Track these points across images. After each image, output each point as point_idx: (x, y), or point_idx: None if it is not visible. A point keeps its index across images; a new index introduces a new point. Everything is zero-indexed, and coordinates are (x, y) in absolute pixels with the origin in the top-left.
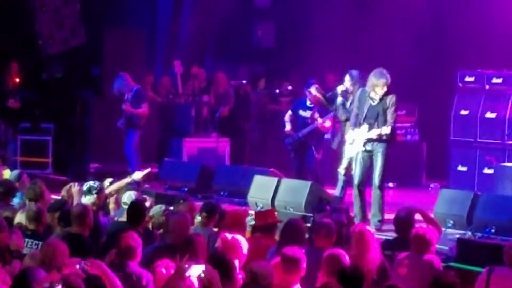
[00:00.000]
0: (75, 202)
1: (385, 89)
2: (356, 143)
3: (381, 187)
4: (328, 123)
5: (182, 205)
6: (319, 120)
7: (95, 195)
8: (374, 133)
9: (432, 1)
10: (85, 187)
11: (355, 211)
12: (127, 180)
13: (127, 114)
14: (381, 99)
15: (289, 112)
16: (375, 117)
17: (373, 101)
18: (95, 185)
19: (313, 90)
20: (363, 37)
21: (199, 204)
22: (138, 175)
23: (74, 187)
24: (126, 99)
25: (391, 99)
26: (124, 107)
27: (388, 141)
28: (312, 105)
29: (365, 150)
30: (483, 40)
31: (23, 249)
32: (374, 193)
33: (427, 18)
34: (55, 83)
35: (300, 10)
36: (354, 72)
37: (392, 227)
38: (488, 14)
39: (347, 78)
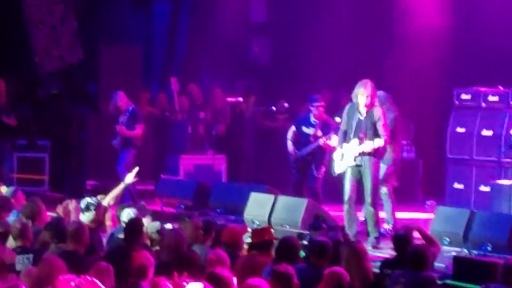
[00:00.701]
0: (72, 219)
1: (367, 98)
2: (346, 158)
3: (373, 204)
4: (333, 141)
5: (188, 222)
6: (321, 140)
7: (93, 212)
8: (368, 146)
9: (427, 19)
10: (83, 204)
11: (346, 227)
12: (121, 186)
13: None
14: (368, 113)
15: (292, 128)
16: (364, 131)
17: (361, 115)
18: (93, 201)
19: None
20: (359, 54)
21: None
22: (129, 178)
23: (71, 204)
24: (121, 121)
25: (377, 112)
26: (118, 129)
27: (378, 156)
28: (316, 122)
29: (356, 165)
30: (479, 57)
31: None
32: (367, 211)
33: (423, 36)
34: (51, 100)
35: (296, 26)
36: (381, 93)
37: (389, 243)
38: (483, 32)
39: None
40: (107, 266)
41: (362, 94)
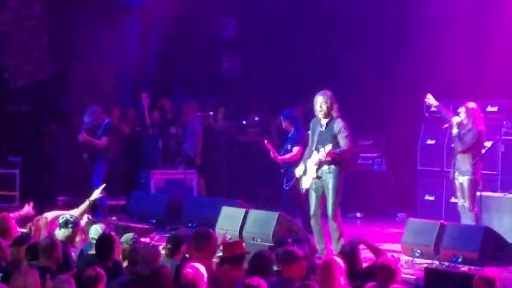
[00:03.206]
0: (42, 235)
1: (323, 106)
2: (309, 172)
3: (335, 218)
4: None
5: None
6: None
7: (70, 229)
8: (322, 153)
9: (397, 31)
10: (61, 220)
11: (316, 241)
12: (86, 203)
13: (86, 146)
14: (329, 124)
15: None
16: (324, 144)
17: (321, 127)
18: (72, 219)
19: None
20: (329, 68)
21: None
22: (95, 195)
23: (42, 220)
24: (98, 134)
25: (338, 124)
26: (80, 137)
27: (339, 168)
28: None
29: (318, 177)
30: (449, 70)
31: None
32: (330, 226)
33: (393, 49)
34: (22, 116)
35: (266, 41)
36: (472, 105)
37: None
38: (453, 45)
39: (462, 109)
40: (68, 279)
41: (318, 103)
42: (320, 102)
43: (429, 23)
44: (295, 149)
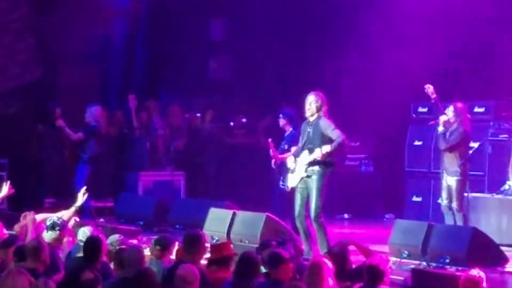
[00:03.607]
0: (29, 231)
1: (312, 105)
2: (298, 171)
3: (318, 219)
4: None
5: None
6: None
7: (57, 232)
8: (317, 153)
9: (382, 32)
10: (48, 222)
11: (302, 242)
12: (73, 209)
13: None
14: (314, 124)
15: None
16: (312, 142)
17: (309, 127)
18: (59, 222)
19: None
20: (317, 69)
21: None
22: (80, 199)
23: (29, 216)
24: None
25: (323, 121)
26: (57, 122)
27: (323, 170)
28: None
29: (307, 176)
30: (436, 71)
31: None
32: (315, 227)
33: (379, 50)
34: (9, 118)
35: (255, 43)
36: (460, 105)
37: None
38: (439, 46)
39: (450, 108)
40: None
41: (307, 101)
42: (310, 101)
43: (413, 23)
44: (294, 149)
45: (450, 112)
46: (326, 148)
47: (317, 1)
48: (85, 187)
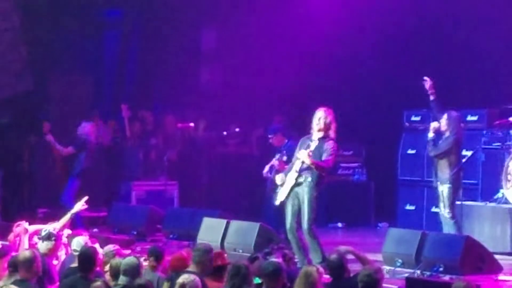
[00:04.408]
0: (22, 241)
1: (321, 121)
2: (288, 181)
3: (310, 231)
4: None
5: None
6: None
7: (53, 242)
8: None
9: (375, 42)
10: (43, 233)
11: (295, 254)
12: (68, 216)
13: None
14: (320, 141)
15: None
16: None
17: (311, 141)
18: (54, 232)
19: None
20: (308, 78)
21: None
22: (77, 207)
23: (21, 226)
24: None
25: (329, 144)
26: (47, 137)
27: (314, 182)
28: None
29: (297, 184)
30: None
31: None
32: (307, 239)
33: (372, 59)
34: (2, 129)
35: (246, 52)
36: (454, 113)
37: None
38: (432, 53)
39: (444, 116)
40: None
41: (316, 116)
42: (319, 116)
43: (407, 32)
44: None
45: (443, 120)
46: (304, 152)
47: (307, 10)
48: (86, 197)
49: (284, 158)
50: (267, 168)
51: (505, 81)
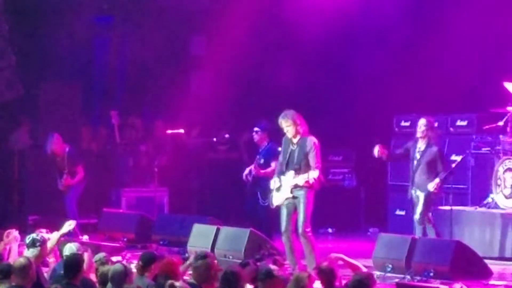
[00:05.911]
0: (12, 249)
1: (288, 129)
2: (283, 190)
3: (305, 234)
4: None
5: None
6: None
7: (38, 248)
8: (302, 178)
9: (366, 48)
10: (28, 240)
11: (288, 257)
12: (61, 232)
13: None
14: (300, 143)
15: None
16: (298, 162)
17: (293, 146)
18: (39, 238)
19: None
20: (298, 83)
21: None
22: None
23: (12, 234)
24: (61, 165)
25: (309, 142)
26: (64, 182)
27: (311, 187)
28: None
29: (292, 197)
30: (419, 85)
31: None
32: (302, 242)
33: (363, 64)
34: None
35: (235, 58)
36: (430, 119)
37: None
38: (422, 59)
39: (422, 122)
40: None
41: (283, 125)
42: (284, 125)
43: (397, 38)
44: (274, 164)
45: (422, 125)
46: (314, 174)
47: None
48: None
49: (261, 161)
50: (247, 170)
51: (494, 85)
